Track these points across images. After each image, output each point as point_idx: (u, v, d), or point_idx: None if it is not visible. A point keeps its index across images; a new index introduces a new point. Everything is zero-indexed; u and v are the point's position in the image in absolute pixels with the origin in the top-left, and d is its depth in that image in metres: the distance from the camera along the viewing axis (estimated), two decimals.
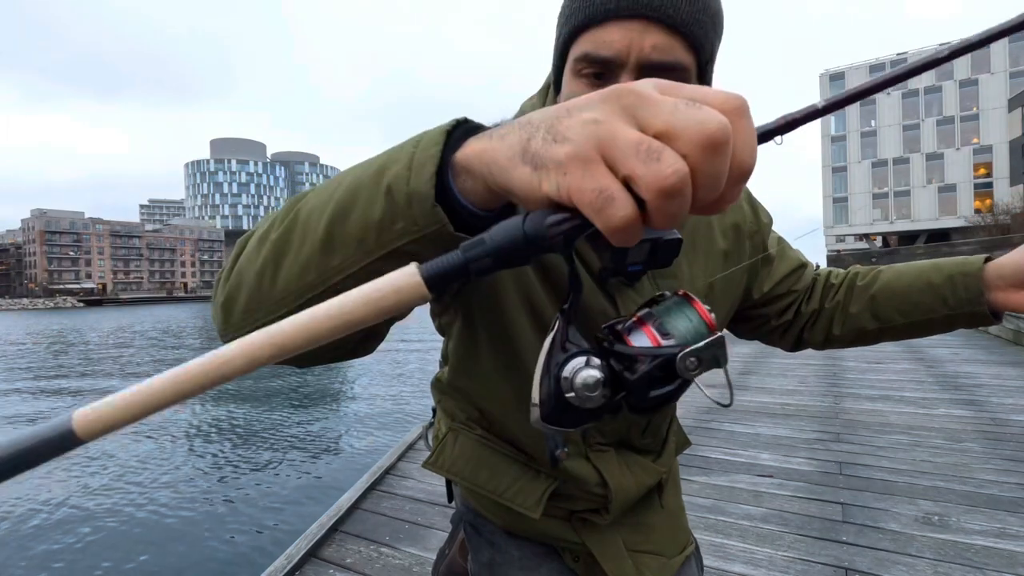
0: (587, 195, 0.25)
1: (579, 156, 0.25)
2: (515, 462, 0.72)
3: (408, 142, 0.36)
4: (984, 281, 0.65)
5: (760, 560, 2.13)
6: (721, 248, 0.72)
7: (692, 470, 3.01)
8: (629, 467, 0.73)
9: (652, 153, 0.24)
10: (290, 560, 2.19)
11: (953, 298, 0.67)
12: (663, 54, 0.52)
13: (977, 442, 3.36)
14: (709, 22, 0.54)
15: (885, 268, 0.76)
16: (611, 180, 0.25)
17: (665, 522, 0.80)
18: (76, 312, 72.52)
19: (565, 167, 0.26)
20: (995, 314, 0.66)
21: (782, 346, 0.83)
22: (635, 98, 0.25)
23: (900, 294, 0.71)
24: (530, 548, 0.76)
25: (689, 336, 0.39)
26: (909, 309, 0.70)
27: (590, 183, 0.25)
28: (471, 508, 0.81)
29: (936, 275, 0.69)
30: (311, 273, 0.38)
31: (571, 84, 0.57)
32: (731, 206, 0.73)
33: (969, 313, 0.66)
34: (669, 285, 0.67)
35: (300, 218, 0.39)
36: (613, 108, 0.26)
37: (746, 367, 5.94)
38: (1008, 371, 5.47)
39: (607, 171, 0.25)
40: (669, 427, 0.82)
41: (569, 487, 0.71)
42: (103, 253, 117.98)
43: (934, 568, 2.02)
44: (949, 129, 48.73)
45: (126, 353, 20.54)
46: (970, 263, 0.67)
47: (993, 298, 0.65)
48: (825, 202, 54.04)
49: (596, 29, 0.53)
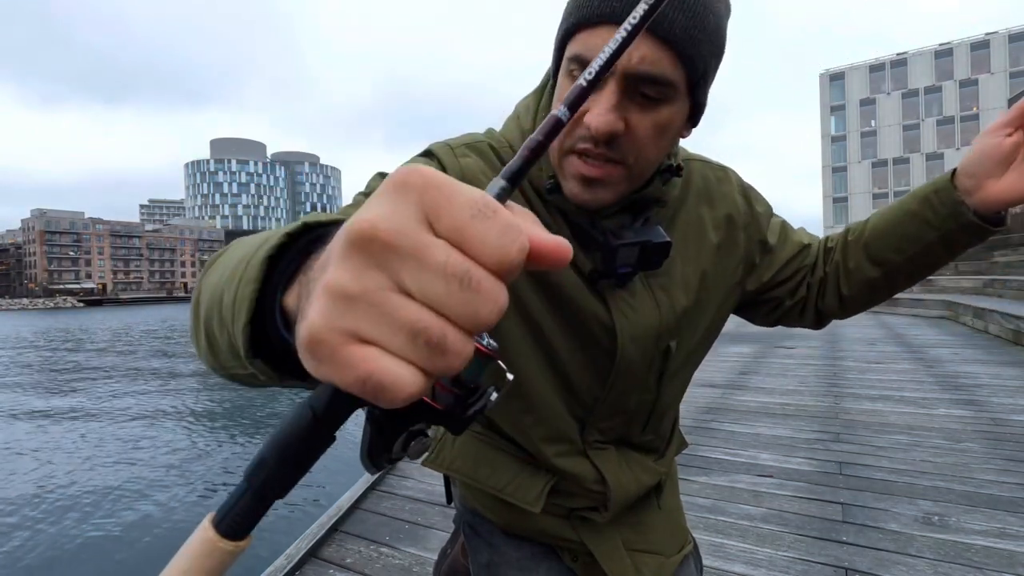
0: (352, 385, 0.19)
1: (323, 342, 0.19)
2: (514, 458, 0.72)
3: (249, 254, 0.31)
4: (958, 190, 0.63)
5: (760, 560, 2.13)
6: (714, 242, 0.71)
7: (692, 470, 3.01)
8: (629, 465, 0.73)
9: (424, 339, 0.19)
10: (290, 560, 2.19)
11: (935, 217, 0.64)
12: (650, 66, 0.51)
13: (977, 442, 3.36)
14: (705, 40, 0.52)
15: (872, 215, 0.74)
16: (375, 359, 0.19)
17: (663, 521, 0.80)
18: (77, 312, 72.50)
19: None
20: (988, 219, 0.62)
21: (804, 324, 0.81)
22: (390, 252, 0.19)
23: (888, 232, 0.70)
24: (528, 548, 0.76)
25: (478, 377, 0.30)
26: (901, 244, 0.68)
27: (347, 373, 0.19)
28: (470, 508, 0.81)
29: (913, 202, 0.67)
30: (214, 361, 0.37)
31: (561, 82, 0.57)
32: (723, 197, 0.73)
33: (958, 227, 0.63)
34: (661, 283, 0.67)
35: (200, 313, 0.37)
36: (369, 267, 0.19)
37: (746, 367, 5.93)
38: (1008, 371, 5.46)
39: (363, 351, 0.19)
40: (673, 426, 0.82)
41: (568, 484, 0.71)
42: (103, 253, 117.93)
43: (934, 568, 2.02)
44: (949, 129, 48.74)
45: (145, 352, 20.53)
46: (940, 178, 0.65)
47: (975, 201, 0.62)
48: (825, 202, 54.05)
49: (589, 31, 0.53)
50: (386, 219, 0.19)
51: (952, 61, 48.59)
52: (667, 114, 0.54)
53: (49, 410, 11.07)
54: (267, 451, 0.23)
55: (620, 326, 0.64)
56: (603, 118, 0.51)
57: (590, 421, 0.70)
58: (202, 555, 0.23)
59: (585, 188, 0.57)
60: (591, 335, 0.65)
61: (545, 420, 0.69)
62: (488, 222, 0.19)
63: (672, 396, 0.75)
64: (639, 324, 0.65)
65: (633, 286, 0.65)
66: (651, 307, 0.66)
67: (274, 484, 0.23)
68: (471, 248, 0.19)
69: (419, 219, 0.19)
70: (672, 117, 0.55)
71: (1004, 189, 0.59)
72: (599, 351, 0.66)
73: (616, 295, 0.65)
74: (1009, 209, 0.63)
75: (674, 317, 0.67)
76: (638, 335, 0.65)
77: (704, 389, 4.86)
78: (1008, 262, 12.45)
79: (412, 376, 0.19)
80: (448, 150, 0.63)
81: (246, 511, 0.24)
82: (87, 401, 11.89)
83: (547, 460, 0.70)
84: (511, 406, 0.70)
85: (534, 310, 0.64)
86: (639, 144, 0.54)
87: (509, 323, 0.64)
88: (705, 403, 4.43)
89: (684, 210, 0.70)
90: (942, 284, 13.68)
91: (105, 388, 13.47)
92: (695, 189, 0.72)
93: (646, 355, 0.67)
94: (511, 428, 0.71)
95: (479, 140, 0.66)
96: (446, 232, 0.19)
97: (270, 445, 0.23)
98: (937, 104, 49.15)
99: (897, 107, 50.64)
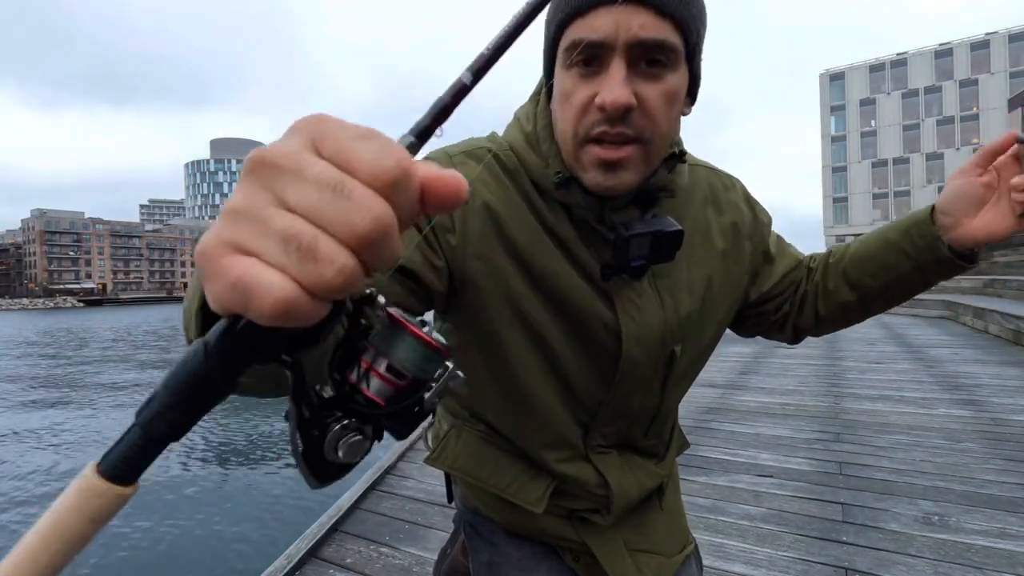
0: (224, 293, 0.20)
1: (205, 254, 0.20)
2: (517, 459, 0.72)
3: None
4: (937, 225, 0.65)
5: (760, 560, 2.13)
6: (720, 248, 0.72)
7: (692, 470, 3.01)
8: (632, 469, 0.73)
9: (303, 253, 0.19)
10: (290, 560, 2.19)
11: (913, 249, 0.67)
12: (655, 32, 0.52)
13: (977, 442, 3.36)
14: (694, 6, 0.54)
15: (854, 241, 0.76)
16: (246, 265, 0.20)
17: (665, 522, 0.80)
18: (77, 312, 72.50)
19: (199, 265, 0.21)
20: (963, 255, 0.65)
21: (782, 338, 0.83)
22: (275, 170, 0.21)
23: (867, 258, 0.72)
24: (529, 548, 0.76)
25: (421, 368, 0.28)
26: (878, 270, 0.71)
27: (222, 280, 0.20)
28: (471, 508, 0.81)
29: (894, 232, 0.69)
30: None
31: (562, 77, 0.57)
32: (729, 205, 0.74)
33: (934, 260, 0.65)
34: (667, 285, 0.67)
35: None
36: (256, 186, 0.21)
37: (746, 367, 5.93)
38: (1008, 371, 5.47)
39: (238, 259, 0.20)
40: (672, 430, 0.82)
41: (570, 487, 0.71)
42: (103, 253, 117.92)
43: (934, 568, 2.02)
44: (949, 129, 48.74)
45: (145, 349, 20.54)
46: (921, 212, 0.67)
47: (951, 237, 0.64)
48: (825, 202, 54.05)
49: (583, 17, 0.53)
50: (278, 146, 0.21)
51: (952, 61, 48.60)
52: (674, 81, 0.55)
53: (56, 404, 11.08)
54: (159, 388, 0.22)
55: (626, 328, 0.64)
56: (616, 92, 0.51)
57: (593, 426, 0.70)
58: (82, 499, 0.21)
59: (608, 174, 0.56)
60: (596, 339, 0.65)
61: (548, 426, 0.69)
62: (368, 142, 0.21)
63: (675, 401, 0.76)
64: (645, 325, 0.65)
65: (640, 286, 0.65)
66: (656, 308, 0.66)
67: (163, 423, 0.22)
68: (348, 163, 0.20)
69: (306, 145, 0.21)
70: (678, 85, 0.56)
71: (979, 228, 0.62)
72: (604, 354, 0.66)
73: (623, 296, 0.64)
74: (983, 247, 0.65)
75: (678, 320, 0.67)
76: (643, 336, 0.65)
77: (704, 389, 4.85)
78: (1008, 262, 12.46)
79: (282, 281, 0.19)
80: (446, 159, 0.63)
81: (132, 451, 0.22)
82: (95, 401, 11.90)
83: (549, 466, 0.70)
84: (513, 414, 0.70)
85: (537, 321, 0.64)
86: (653, 116, 0.54)
87: (512, 334, 0.64)
88: (705, 403, 4.43)
89: (691, 211, 0.70)
90: (942, 284, 13.68)
91: (107, 387, 13.48)
92: (701, 194, 0.72)
93: (651, 358, 0.67)
94: (512, 434, 0.71)
95: (479, 146, 0.65)
96: (329, 154, 0.21)
97: (162, 382, 0.22)
98: (937, 104, 49.16)
99: (897, 107, 50.64)
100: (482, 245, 0.61)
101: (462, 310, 0.64)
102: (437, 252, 0.60)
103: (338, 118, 0.22)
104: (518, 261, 0.62)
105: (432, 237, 0.60)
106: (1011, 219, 0.60)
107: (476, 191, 0.62)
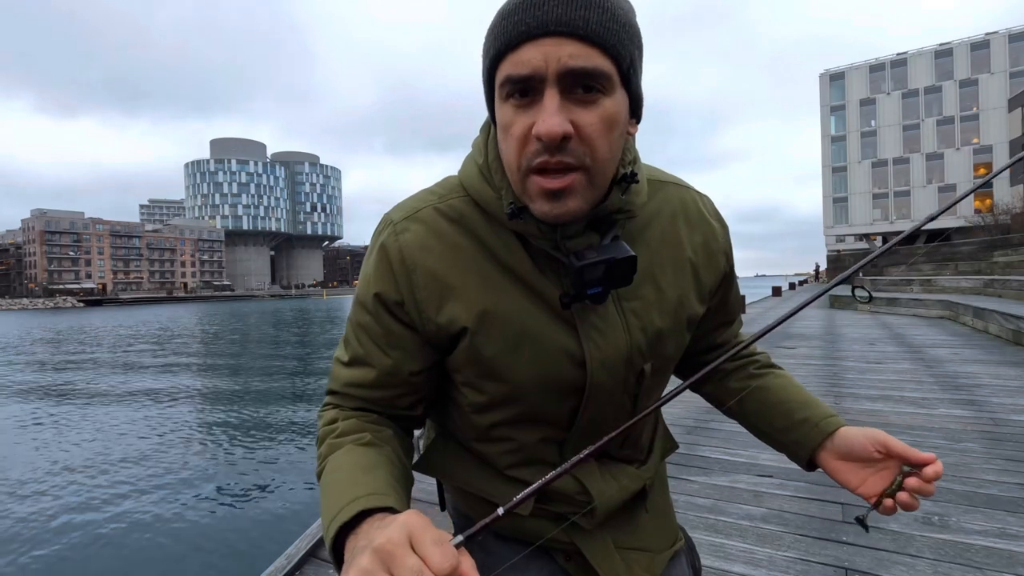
0: None
1: None
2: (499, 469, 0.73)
3: (331, 508, 0.54)
4: (825, 442, 0.71)
5: (760, 560, 2.13)
6: (692, 261, 0.71)
7: (692, 470, 3.02)
8: (613, 475, 0.74)
9: None
10: (290, 560, 2.19)
11: (789, 437, 0.75)
12: (581, 60, 0.52)
13: (977, 442, 3.36)
14: (622, 31, 0.54)
15: (779, 374, 0.82)
16: None
17: (652, 520, 0.81)
18: (77, 312, 72.53)
19: None
20: (812, 465, 0.74)
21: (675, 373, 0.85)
22: (389, 556, 0.41)
23: (766, 404, 0.79)
24: (520, 550, 0.76)
25: None
26: (760, 419, 0.79)
27: None
28: (463, 514, 0.82)
29: (800, 411, 0.75)
30: None
31: (502, 110, 0.57)
32: (701, 220, 0.74)
33: (796, 451, 0.75)
34: (633, 307, 0.66)
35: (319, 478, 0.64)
36: (377, 563, 0.41)
37: None
38: (1008, 371, 5.47)
39: None
40: (653, 436, 0.82)
41: (552, 495, 0.72)
42: (103, 253, 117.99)
43: (934, 568, 2.02)
44: (949, 129, 48.75)
45: None
46: (831, 423, 0.72)
47: (819, 456, 0.72)
48: (825, 202, 54.07)
49: (513, 53, 0.54)
50: (392, 537, 0.43)
51: (952, 61, 48.58)
52: (610, 106, 0.55)
53: (63, 402, 11.08)
54: None
55: (589, 353, 0.64)
56: (550, 122, 0.52)
57: (568, 442, 0.71)
58: None
59: (554, 203, 0.56)
60: (560, 369, 0.65)
61: (521, 452, 0.71)
62: (438, 547, 0.42)
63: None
64: (608, 347, 0.65)
65: (604, 310, 0.65)
66: (621, 331, 0.65)
67: None
68: (427, 559, 0.41)
69: (405, 540, 0.43)
70: (616, 109, 0.55)
71: (846, 479, 0.68)
72: (569, 382, 0.66)
73: (586, 321, 0.64)
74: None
75: (645, 340, 0.67)
76: (608, 359, 0.65)
77: None
78: (1008, 262, 12.46)
79: None
80: (391, 228, 0.65)
81: None
82: (102, 400, 11.90)
83: (526, 481, 0.71)
84: (486, 443, 0.72)
85: (501, 368, 0.65)
86: (591, 142, 0.54)
87: (482, 384, 0.66)
88: (705, 403, 4.41)
89: (658, 225, 0.70)
90: (942, 284, 13.69)
91: (110, 388, 13.48)
92: (671, 208, 0.72)
93: (616, 378, 0.67)
94: (490, 459, 0.73)
95: (425, 205, 0.66)
96: (418, 550, 0.42)
97: None
98: (937, 104, 49.15)
99: (897, 107, 50.63)
100: (435, 312, 0.63)
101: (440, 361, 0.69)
102: (410, 332, 0.65)
103: (423, 522, 0.45)
104: (474, 316, 0.63)
105: (398, 327, 0.65)
106: (878, 490, 0.65)
107: (417, 260, 0.63)
